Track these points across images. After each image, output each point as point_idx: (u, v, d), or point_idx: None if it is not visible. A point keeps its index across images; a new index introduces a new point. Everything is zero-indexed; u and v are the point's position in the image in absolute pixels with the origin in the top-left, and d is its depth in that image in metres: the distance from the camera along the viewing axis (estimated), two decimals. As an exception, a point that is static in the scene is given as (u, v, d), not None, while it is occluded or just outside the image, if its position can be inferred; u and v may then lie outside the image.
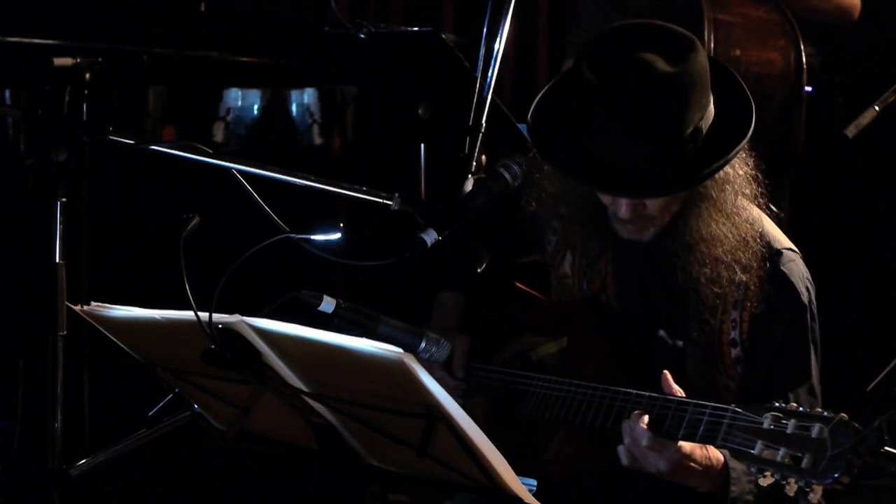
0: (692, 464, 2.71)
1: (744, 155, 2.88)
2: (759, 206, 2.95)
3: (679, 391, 2.73)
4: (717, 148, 2.79)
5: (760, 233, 2.90)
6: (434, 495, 3.01)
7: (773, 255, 2.90)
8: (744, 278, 2.86)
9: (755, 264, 2.87)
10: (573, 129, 2.83)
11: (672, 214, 2.87)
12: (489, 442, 2.42)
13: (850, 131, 3.80)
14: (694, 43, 2.76)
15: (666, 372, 2.75)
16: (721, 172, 2.84)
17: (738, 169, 2.88)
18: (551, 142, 2.88)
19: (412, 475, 2.63)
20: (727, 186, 2.86)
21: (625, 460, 2.73)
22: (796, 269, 2.91)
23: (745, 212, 2.89)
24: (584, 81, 2.75)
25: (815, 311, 2.93)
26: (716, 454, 2.74)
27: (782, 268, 2.89)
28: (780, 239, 2.95)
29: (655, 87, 2.69)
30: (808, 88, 4.41)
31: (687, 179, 2.79)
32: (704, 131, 2.77)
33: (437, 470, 2.50)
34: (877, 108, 3.82)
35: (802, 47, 4.35)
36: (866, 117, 3.81)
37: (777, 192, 4.36)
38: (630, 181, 2.76)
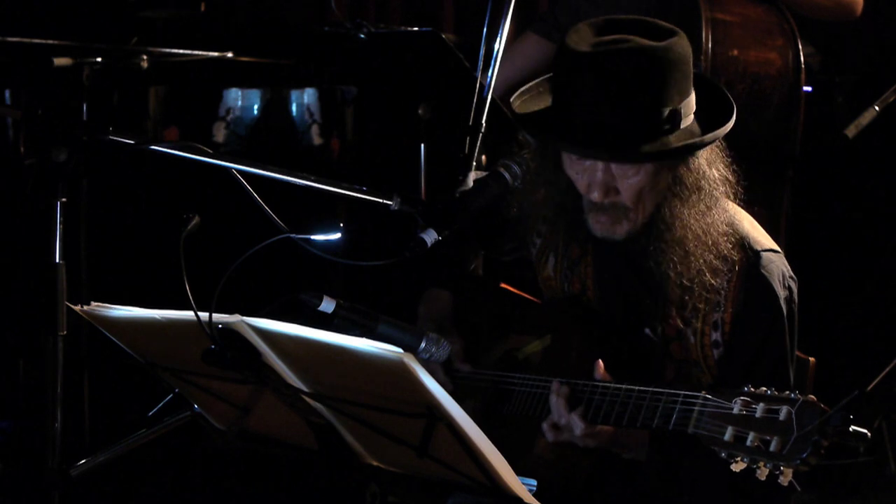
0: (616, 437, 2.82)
1: (720, 154, 2.88)
2: (738, 205, 2.94)
3: (608, 378, 2.79)
4: (695, 134, 2.82)
5: (738, 235, 2.88)
6: (434, 495, 3.00)
7: (752, 256, 2.87)
8: (714, 282, 2.85)
9: (728, 268, 2.86)
10: (554, 99, 2.87)
11: (646, 213, 2.86)
12: (489, 442, 2.42)
13: (850, 131, 3.80)
14: (676, 31, 2.81)
15: (599, 361, 2.80)
16: (697, 171, 2.84)
17: (715, 170, 2.87)
18: (531, 113, 2.93)
19: (412, 475, 2.63)
20: (703, 183, 2.85)
21: (550, 437, 2.82)
22: (776, 270, 2.89)
23: (720, 214, 2.87)
24: (567, 50, 2.79)
25: (795, 310, 2.91)
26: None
27: (762, 270, 2.87)
28: (761, 240, 2.92)
29: (636, 56, 2.74)
30: (808, 88, 4.41)
31: (659, 150, 2.78)
32: (683, 117, 2.79)
33: (437, 470, 2.50)
34: (877, 108, 3.82)
35: (801, 47, 4.35)
36: (866, 117, 3.81)
37: (777, 192, 4.38)
38: (604, 144, 2.77)
